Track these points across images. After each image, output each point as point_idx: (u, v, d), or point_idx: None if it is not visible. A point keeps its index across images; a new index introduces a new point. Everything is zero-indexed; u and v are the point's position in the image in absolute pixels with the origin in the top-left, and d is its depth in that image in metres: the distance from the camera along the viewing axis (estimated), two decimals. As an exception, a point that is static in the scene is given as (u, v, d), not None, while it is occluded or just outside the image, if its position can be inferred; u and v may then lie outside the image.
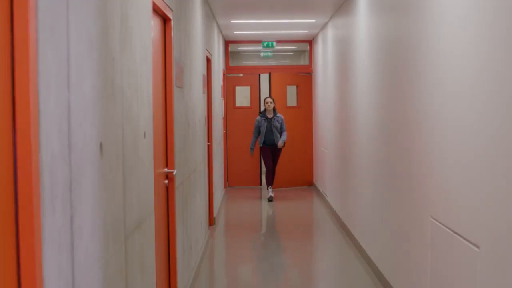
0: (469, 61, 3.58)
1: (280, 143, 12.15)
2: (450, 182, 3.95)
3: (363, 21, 7.42)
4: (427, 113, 4.49)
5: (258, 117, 12.22)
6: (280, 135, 12.18)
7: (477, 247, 3.43)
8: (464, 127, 3.66)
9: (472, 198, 3.53)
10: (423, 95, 4.60)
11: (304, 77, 14.08)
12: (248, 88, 14.14)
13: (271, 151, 12.27)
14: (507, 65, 3.04)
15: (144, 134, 3.73)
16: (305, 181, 14.07)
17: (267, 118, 12.15)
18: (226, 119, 13.81)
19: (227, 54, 13.92)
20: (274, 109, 12.20)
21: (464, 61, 3.67)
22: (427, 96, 4.47)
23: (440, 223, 4.15)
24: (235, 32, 12.63)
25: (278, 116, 12.19)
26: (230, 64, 14.35)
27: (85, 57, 2.51)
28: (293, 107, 13.93)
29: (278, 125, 12.11)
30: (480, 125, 3.40)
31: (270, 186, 12.32)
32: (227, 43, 13.92)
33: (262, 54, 15.20)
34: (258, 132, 12.23)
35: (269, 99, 12.15)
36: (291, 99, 14.35)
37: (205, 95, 8.48)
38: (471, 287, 3.53)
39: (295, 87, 14.17)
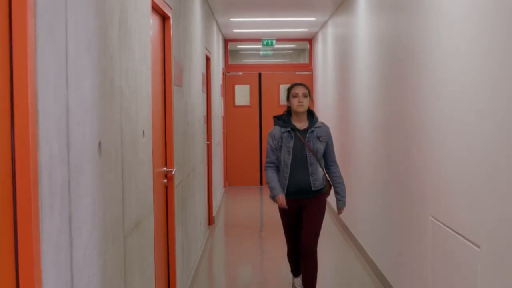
0: (471, 59, 3.57)
1: (339, 209, 5.51)
2: (450, 181, 3.94)
3: (363, 19, 7.41)
4: (427, 112, 4.48)
5: (274, 131, 5.44)
6: (325, 170, 5.50)
7: (478, 247, 3.42)
8: (465, 126, 3.64)
9: (473, 198, 3.51)
10: (423, 94, 4.59)
11: (303, 76, 14.07)
12: (247, 86, 14.13)
13: (300, 208, 5.46)
14: (509, 63, 3.02)
15: (143, 133, 3.72)
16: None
17: (294, 131, 5.38)
18: (225, 118, 13.79)
19: (226, 52, 13.90)
20: (310, 112, 5.51)
21: (465, 59, 3.66)
22: (428, 95, 4.46)
23: (441, 222, 4.13)
24: (234, 31, 12.61)
25: (319, 127, 5.44)
26: (230, 62, 14.34)
27: (84, 56, 2.50)
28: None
29: (321, 147, 5.38)
30: (481, 124, 3.38)
31: (298, 277, 5.84)
32: (226, 41, 13.91)
33: (261, 52, 15.18)
34: (276, 162, 5.42)
35: (300, 89, 5.43)
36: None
37: (205, 94, 8.47)
38: (472, 287, 3.52)
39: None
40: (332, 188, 5.53)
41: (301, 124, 5.41)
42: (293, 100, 5.40)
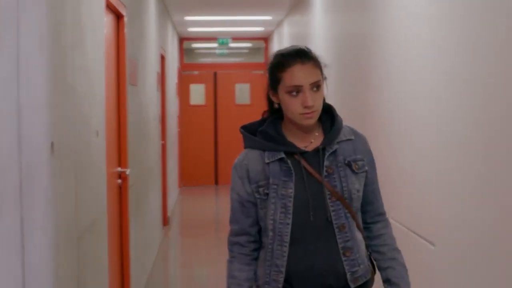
0: (431, 56, 3.59)
1: None
2: (404, 179, 3.96)
3: (319, 17, 7.44)
4: (387, 112, 4.50)
5: (247, 161, 2.30)
6: (366, 235, 2.47)
7: (433, 245, 3.45)
8: (419, 125, 3.67)
9: (427, 196, 3.54)
10: (381, 91, 4.62)
11: (259, 75, 14.08)
12: (203, 86, 14.09)
13: None
14: (468, 62, 3.05)
15: (97, 133, 3.67)
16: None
17: (292, 156, 2.27)
18: (180, 117, 13.73)
19: (181, 51, 13.84)
20: (327, 109, 2.38)
21: (426, 57, 3.68)
22: (386, 92, 4.49)
23: (396, 221, 4.16)
24: (189, 29, 12.56)
25: (348, 141, 2.34)
26: (185, 61, 14.26)
27: (36, 55, 2.44)
28: (244, 105, 13.93)
29: (356, 185, 2.32)
30: (434, 121, 3.41)
31: None
32: (181, 40, 13.84)
33: (217, 51, 15.14)
34: (254, 233, 2.41)
35: (305, 70, 2.32)
36: (243, 97, 14.27)
37: (159, 93, 8.40)
38: (428, 284, 3.55)
39: (248, 85, 14.14)
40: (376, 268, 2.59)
41: (307, 139, 2.37)
42: (289, 101, 2.29)
